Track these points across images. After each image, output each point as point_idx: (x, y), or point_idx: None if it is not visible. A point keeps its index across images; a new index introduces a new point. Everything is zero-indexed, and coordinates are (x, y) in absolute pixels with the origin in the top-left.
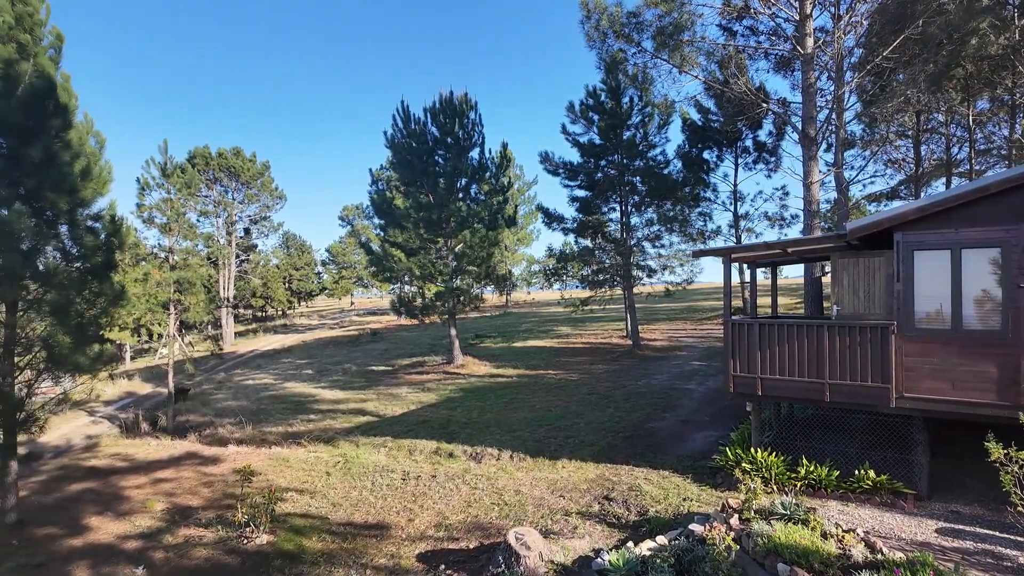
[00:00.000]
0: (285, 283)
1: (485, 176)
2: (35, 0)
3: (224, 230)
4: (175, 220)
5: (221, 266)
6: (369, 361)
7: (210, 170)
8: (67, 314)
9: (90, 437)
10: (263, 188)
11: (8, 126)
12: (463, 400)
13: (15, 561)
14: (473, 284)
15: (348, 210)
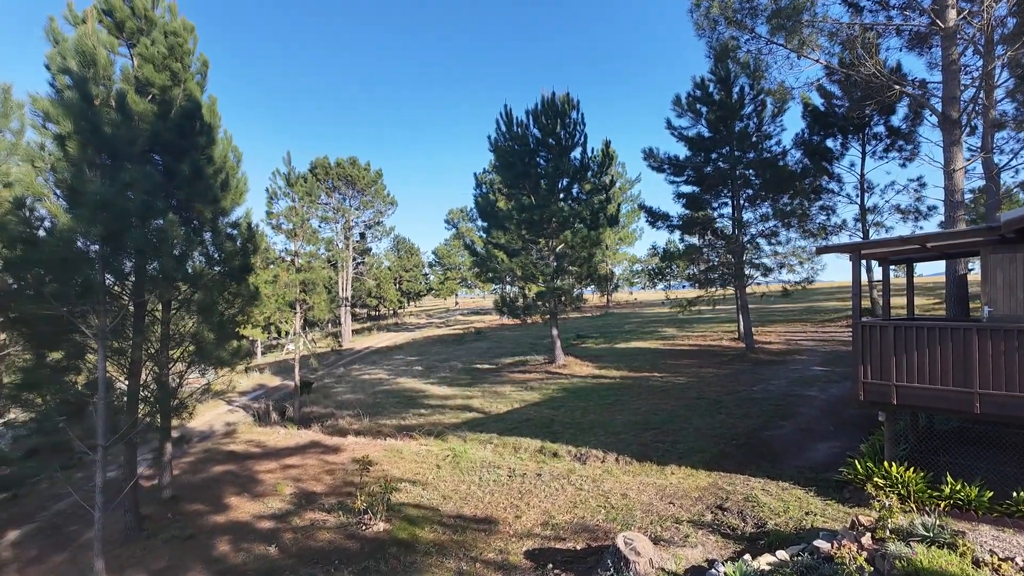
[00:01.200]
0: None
1: (587, 176)
2: (185, 32)
3: (342, 235)
4: (299, 226)
5: (340, 268)
6: (473, 359)
7: (329, 179)
8: (211, 312)
9: (229, 424)
10: (376, 195)
11: (163, 145)
12: (566, 400)
13: (170, 532)
14: (574, 284)
15: (453, 213)
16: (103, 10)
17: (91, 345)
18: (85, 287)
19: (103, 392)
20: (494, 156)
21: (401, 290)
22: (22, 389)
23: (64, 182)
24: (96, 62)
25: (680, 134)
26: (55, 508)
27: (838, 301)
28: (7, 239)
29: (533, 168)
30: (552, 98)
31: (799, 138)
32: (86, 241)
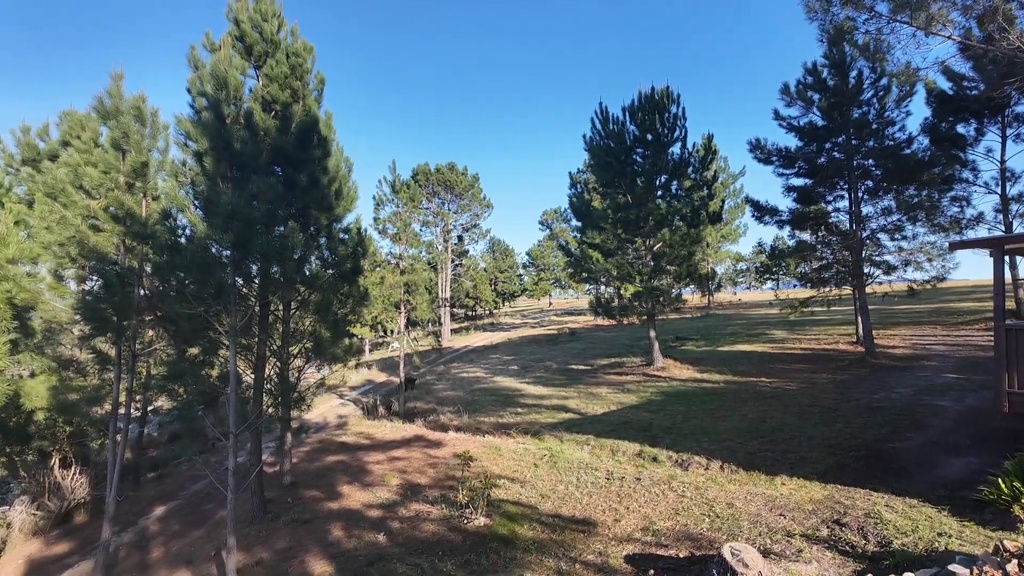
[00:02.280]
0: (491, 284)
1: (686, 171)
2: (304, 52)
3: (441, 237)
4: (403, 230)
5: (439, 270)
6: (568, 360)
7: (430, 184)
8: (327, 312)
9: (340, 417)
10: (473, 198)
11: (284, 157)
12: (665, 404)
13: (290, 516)
14: (673, 284)
15: (547, 214)
16: (236, 36)
17: (223, 342)
18: (219, 289)
19: (234, 384)
20: (589, 155)
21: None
22: (168, 380)
23: (201, 194)
24: (228, 84)
25: (790, 124)
26: (193, 488)
27: (974, 302)
28: (156, 246)
29: (629, 166)
30: (650, 93)
31: (926, 124)
32: (219, 247)
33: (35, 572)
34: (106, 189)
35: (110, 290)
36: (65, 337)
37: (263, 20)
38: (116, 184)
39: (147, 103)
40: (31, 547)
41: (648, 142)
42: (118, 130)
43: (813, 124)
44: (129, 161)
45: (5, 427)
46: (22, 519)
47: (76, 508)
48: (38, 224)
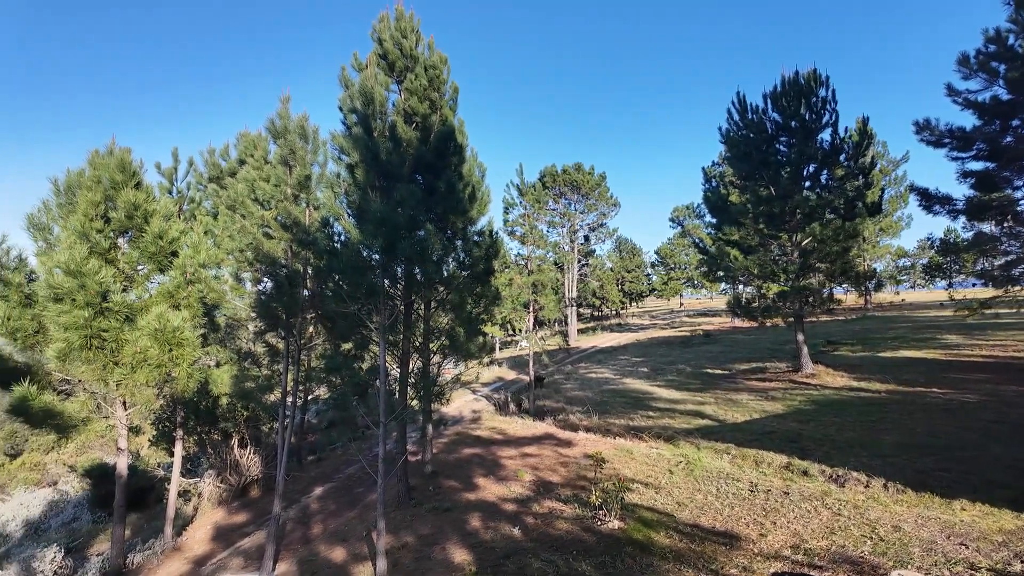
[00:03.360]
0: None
1: (838, 159)
2: (441, 64)
3: (567, 238)
4: (530, 232)
5: (565, 270)
6: (703, 363)
7: (556, 185)
8: (462, 311)
9: (474, 412)
10: (600, 198)
11: (424, 165)
12: (816, 413)
13: (432, 504)
14: (824, 283)
15: (679, 211)
16: (379, 55)
17: (373, 338)
18: (369, 290)
19: (383, 378)
20: (725, 147)
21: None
22: (327, 372)
23: (354, 203)
24: (374, 99)
25: (966, 100)
26: (347, 471)
27: None
28: (317, 251)
29: (772, 156)
30: (795, 77)
31: None
32: (369, 251)
33: (220, 536)
34: (276, 201)
35: (280, 291)
36: (243, 332)
37: (403, 37)
38: (284, 196)
39: (309, 122)
40: (217, 515)
41: (793, 130)
42: (286, 147)
43: (996, 99)
44: (295, 175)
45: (197, 409)
46: (210, 490)
47: (251, 484)
48: (222, 233)
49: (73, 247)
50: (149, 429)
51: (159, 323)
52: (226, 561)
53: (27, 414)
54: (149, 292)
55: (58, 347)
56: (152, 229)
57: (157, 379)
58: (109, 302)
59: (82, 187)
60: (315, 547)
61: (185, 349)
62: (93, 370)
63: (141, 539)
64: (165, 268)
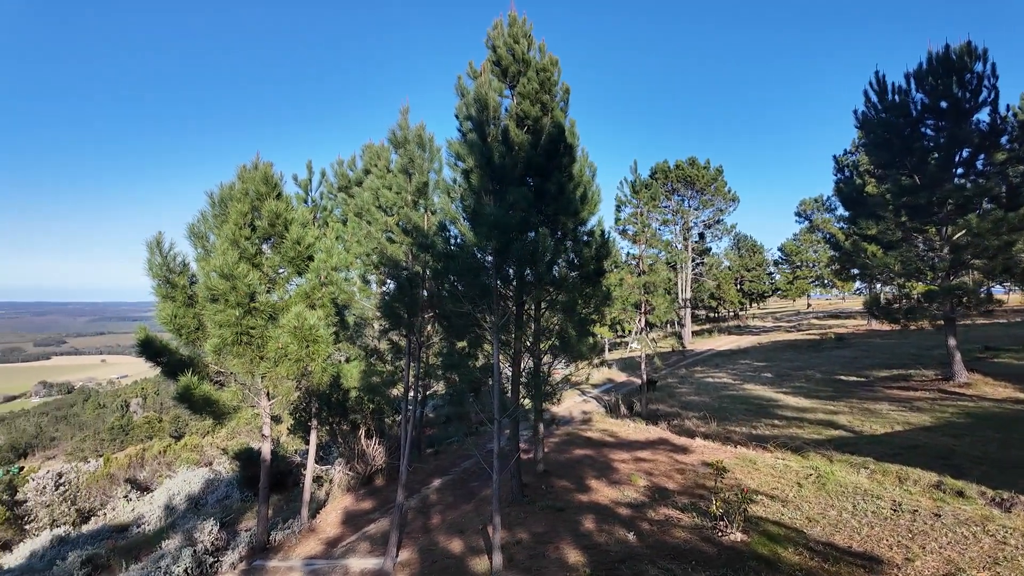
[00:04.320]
0: (736, 284)
1: (998, 142)
2: (552, 67)
3: (681, 236)
4: (642, 231)
5: (679, 269)
6: (835, 369)
7: (669, 182)
8: (573, 312)
9: (584, 413)
10: (716, 192)
11: (534, 168)
12: (972, 428)
13: (544, 502)
14: (981, 281)
15: (806, 204)
16: (493, 61)
17: (487, 337)
18: (483, 290)
19: (497, 376)
20: (861, 133)
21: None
22: (445, 369)
23: (468, 207)
24: (488, 106)
25: None
26: (462, 466)
27: None
28: (435, 254)
29: (916, 141)
30: (944, 52)
31: None
32: (482, 253)
33: (349, 520)
34: (398, 207)
35: (401, 291)
36: (368, 330)
37: (515, 42)
38: (405, 202)
39: (426, 131)
40: (346, 500)
41: (942, 111)
42: (405, 156)
43: None
44: (414, 182)
45: (329, 401)
46: (340, 477)
47: (376, 473)
48: (351, 238)
49: (226, 253)
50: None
51: (297, 321)
52: (355, 544)
53: (190, 401)
54: (289, 293)
55: (214, 342)
56: (291, 236)
57: (296, 372)
58: (256, 302)
59: (232, 199)
60: (434, 537)
61: (320, 345)
62: (243, 363)
63: (281, 519)
64: (302, 271)
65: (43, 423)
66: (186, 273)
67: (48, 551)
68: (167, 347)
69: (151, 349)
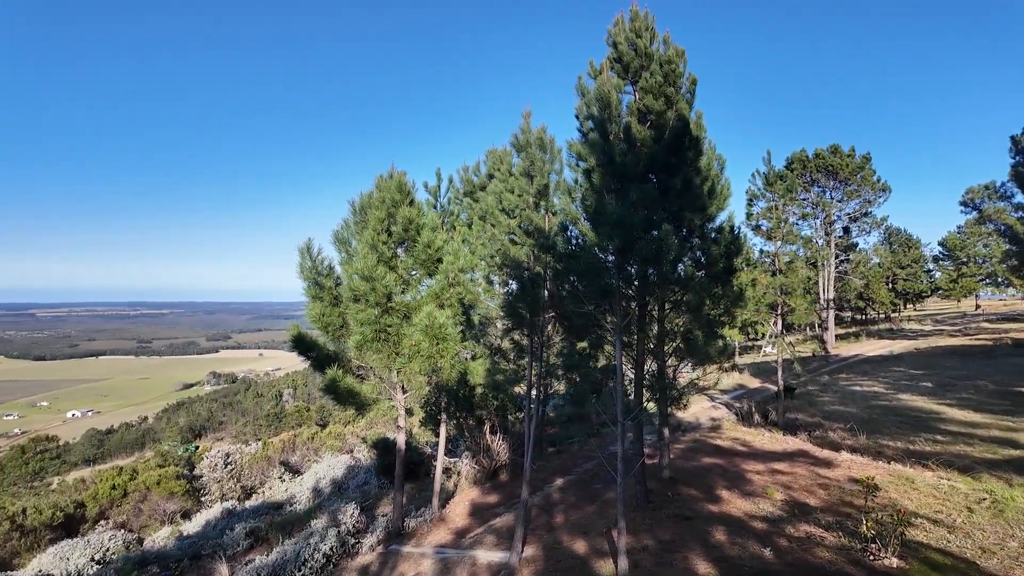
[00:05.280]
0: (888, 283)
1: None
2: (677, 58)
3: (822, 231)
4: (777, 226)
5: (820, 267)
6: (1012, 380)
7: (807, 172)
8: (700, 313)
9: (713, 419)
10: (863, 182)
11: (658, 164)
12: None
13: (671, 510)
14: None
15: (973, 192)
16: (614, 58)
17: (608, 338)
18: (604, 291)
19: (619, 378)
20: None
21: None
22: (566, 369)
23: (589, 207)
24: (610, 104)
25: None
26: (584, 467)
27: None
28: (556, 255)
29: None
30: None
31: None
32: (604, 253)
33: (476, 513)
34: (520, 210)
35: (523, 292)
36: (492, 329)
37: (637, 37)
38: (527, 204)
39: (547, 133)
40: (472, 493)
41: None
42: (527, 159)
43: None
44: (535, 184)
45: (457, 397)
46: (467, 470)
47: (500, 468)
48: (476, 241)
49: (366, 257)
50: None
51: (428, 320)
52: (481, 537)
53: (335, 392)
54: (420, 293)
55: (356, 339)
56: (422, 239)
57: (427, 368)
58: (392, 302)
59: (371, 207)
60: (558, 535)
61: (448, 343)
62: (381, 359)
63: (414, 507)
64: (432, 273)
65: (213, 408)
66: (332, 275)
67: (219, 521)
68: (316, 343)
69: (302, 344)
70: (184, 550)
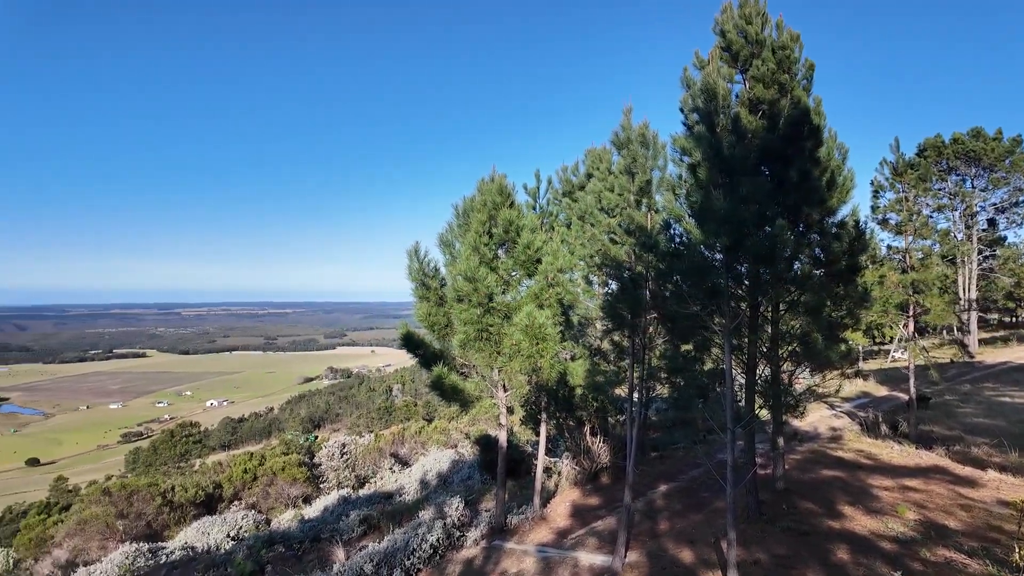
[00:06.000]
0: None
1: None
2: (791, 43)
3: (961, 224)
4: (908, 219)
5: (959, 264)
6: None
7: (943, 160)
8: (819, 314)
9: (833, 429)
10: (1013, 168)
11: (771, 155)
12: None
13: (785, 523)
14: None
15: None
16: (722, 47)
17: (715, 340)
18: (711, 290)
19: (729, 382)
20: None
21: None
22: (667, 372)
23: (695, 203)
24: (717, 94)
25: None
26: (690, 473)
27: None
28: (659, 254)
29: None
30: None
31: None
32: (711, 251)
33: (577, 514)
34: (620, 208)
35: (624, 292)
36: (591, 330)
37: (747, 23)
38: (627, 203)
39: (649, 129)
40: (573, 494)
41: None
42: (628, 156)
43: None
44: (637, 181)
45: (556, 397)
46: (567, 471)
47: (601, 470)
48: (574, 241)
49: (469, 258)
50: (519, 411)
51: (528, 320)
52: (583, 538)
53: (441, 389)
54: (520, 294)
55: (460, 338)
56: (522, 241)
57: (527, 368)
58: (493, 302)
59: (474, 210)
60: (662, 543)
61: (548, 343)
62: (483, 357)
63: (516, 504)
64: (531, 273)
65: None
66: (437, 277)
67: (336, 507)
68: (423, 341)
69: (411, 342)
70: (305, 533)
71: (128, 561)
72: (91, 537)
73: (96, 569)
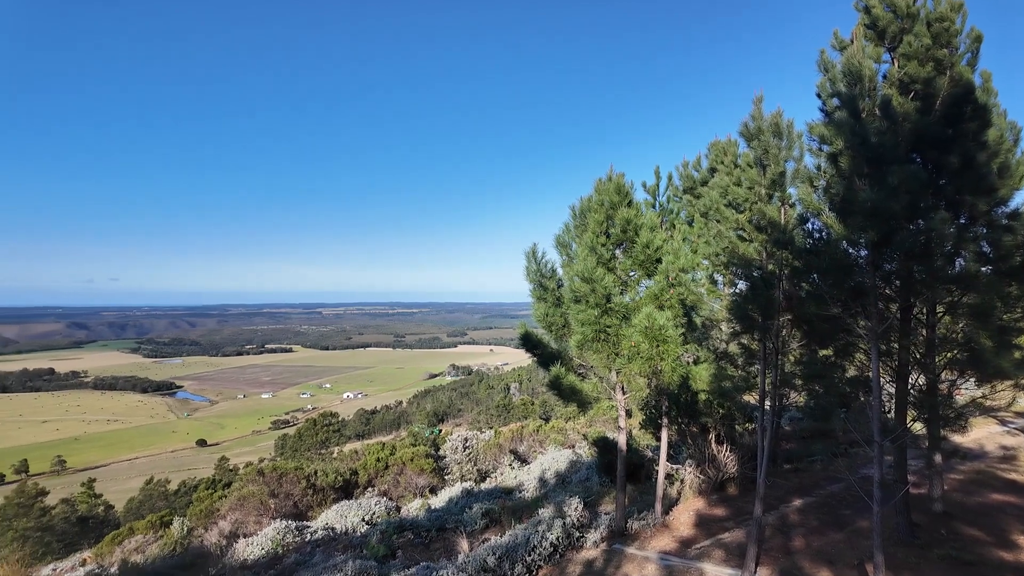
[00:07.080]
0: None
1: None
2: (951, 14)
3: None
4: None
5: None
6: None
7: None
8: (988, 318)
9: (1005, 448)
10: None
11: (926, 140)
12: None
13: (944, 550)
14: None
15: None
16: (866, 25)
17: (859, 345)
18: (856, 290)
19: (877, 392)
20: None
21: None
22: (804, 379)
23: (835, 196)
24: (862, 77)
25: None
26: (829, 488)
27: None
28: (794, 251)
29: None
30: None
31: None
32: (855, 248)
33: (702, 524)
34: (750, 203)
35: (754, 292)
36: (716, 332)
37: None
38: (758, 197)
39: (783, 117)
40: (697, 503)
41: None
42: (759, 148)
43: None
44: (769, 174)
45: (678, 401)
46: (691, 479)
47: (728, 480)
48: (697, 239)
49: (586, 259)
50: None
51: (647, 321)
52: (708, 550)
53: (559, 389)
54: (639, 295)
55: (577, 338)
56: (641, 240)
57: (647, 370)
58: (611, 303)
59: (590, 210)
60: (797, 561)
61: (669, 345)
62: (600, 358)
63: (636, 509)
64: (651, 273)
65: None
66: (554, 277)
67: (459, 499)
68: (540, 341)
69: (529, 342)
70: (432, 522)
71: (280, 536)
72: (249, 512)
73: (254, 541)
